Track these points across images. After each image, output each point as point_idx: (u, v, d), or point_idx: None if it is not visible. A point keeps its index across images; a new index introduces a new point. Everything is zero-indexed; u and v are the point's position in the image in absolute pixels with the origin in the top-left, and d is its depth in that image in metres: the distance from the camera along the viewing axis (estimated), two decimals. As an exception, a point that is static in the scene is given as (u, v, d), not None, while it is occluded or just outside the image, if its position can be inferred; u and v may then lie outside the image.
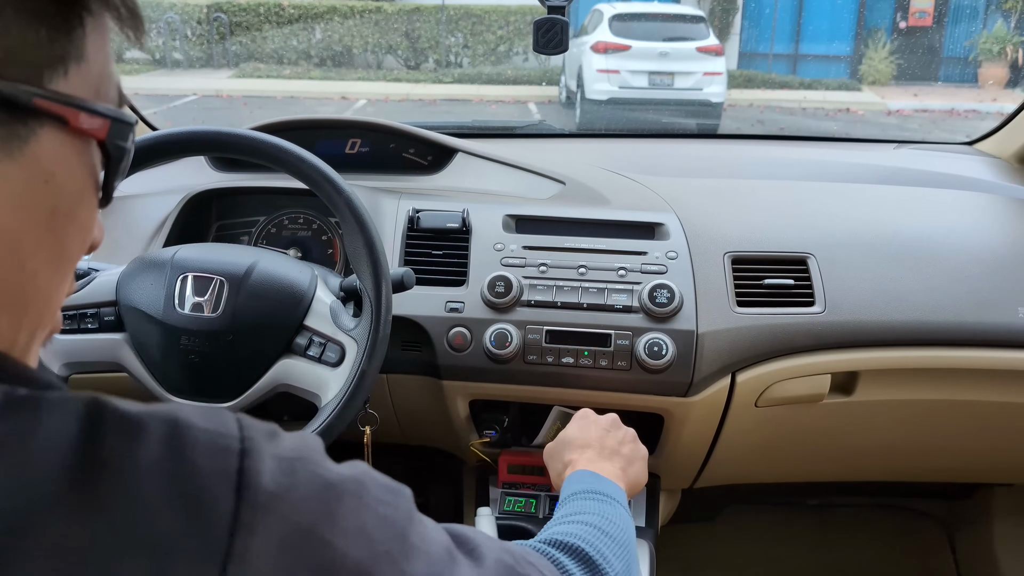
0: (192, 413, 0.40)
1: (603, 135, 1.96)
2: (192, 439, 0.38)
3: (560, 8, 1.28)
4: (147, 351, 1.02)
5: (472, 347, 1.21)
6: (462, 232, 1.30)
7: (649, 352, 1.16)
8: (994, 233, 1.37)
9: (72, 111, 0.42)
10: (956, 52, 11.73)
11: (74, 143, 0.44)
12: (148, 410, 0.39)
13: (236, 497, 0.38)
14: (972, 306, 1.24)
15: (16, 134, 0.40)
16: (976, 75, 11.23)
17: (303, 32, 11.30)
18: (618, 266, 1.24)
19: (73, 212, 0.45)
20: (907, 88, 11.13)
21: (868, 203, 1.42)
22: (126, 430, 0.37)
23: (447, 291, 1.25)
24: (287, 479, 0.40)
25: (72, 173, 0.44)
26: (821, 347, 1.22)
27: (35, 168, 0.42)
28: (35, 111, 0.41)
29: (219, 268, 1.04)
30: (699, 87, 8.73)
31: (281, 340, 1.03)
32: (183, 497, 0.37)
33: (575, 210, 1.35)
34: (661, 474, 1.36)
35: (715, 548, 1.88)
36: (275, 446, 0.41)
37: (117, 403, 0.39)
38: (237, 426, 0.41)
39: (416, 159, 1.53)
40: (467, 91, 10.35)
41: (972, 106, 9.71)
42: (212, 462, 0.38)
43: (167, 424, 0.38)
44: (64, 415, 0.37)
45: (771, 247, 1.29)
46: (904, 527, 1.91)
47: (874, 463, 1.46)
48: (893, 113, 9.89)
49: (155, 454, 0.37)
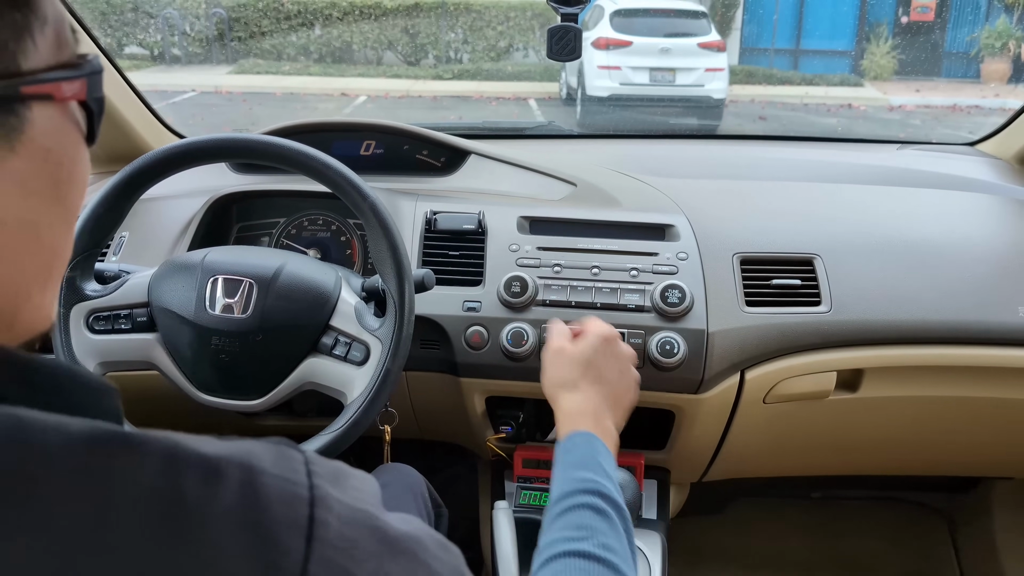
0: (264, 457, 0.41)
1: (612, 136, 1.99)
2: (266, 486, 0.39)
3: (573, 16, 1.31)
4: (179, 350, 1.06)
5: (489, 345, 1.24)
6: (478, 233, 1.34)
7: (661, 351, 1.20)
8: (995, 234, 1.40)
9: (55, 85, 0.44)
10: (958, 47, 11.64)
11: (60, 111, 0.45)
12: (224, 453, 0.40)
13: (307, 547, 0.39)
14: (974, 305, 1.27)
15: (12, 127, 0.42)
16: (979, 71, 11.14)
17: (302, 28, 11.25)
18: (630, 267, 1.28)
19: (72, 174, 0.47)
20: (909, 84, 11.06)
21: (873, 204, 1.46)
22: (205, 474, 0.38)
23: (464, 291, 1.28)
24: (352, 531, 0.41)
25: (64, 140, 0.46)
26: (827, 345, 1.26)
27: (34, 150, 0.43)
28: (24, 98, 0.42)
29: (248, 271, 1.07)
30: (701, 83, 8.68)
31: (308, 340, 1.06)
32: (257, 545, 0.38)
33: (587, 211, 1.39)
34: (671, 468, 1.40)
35: (723, 539, 1.92)
36: (341, 491, 0.42)
37: (194, 444, 0.40)
38: (306, 472, 0.42)
39: (430, 160, 1.56)
40: (467, 88, 10.32)
41: (975, 102, 9.65)
42: (285, 511, 0.39)
43: (242, 470, 0.39)
44: (146, 454, 0.38)
45: (778, 248, 1.32)
46: (907, 519, 1.95)
47: (878, 457, 1.50)
48: (895, 109, 9.85)
49: (232, 500, 0.38)
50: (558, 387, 0.96)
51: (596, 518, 0.76)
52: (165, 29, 10.91)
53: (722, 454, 1.37)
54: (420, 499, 1.19)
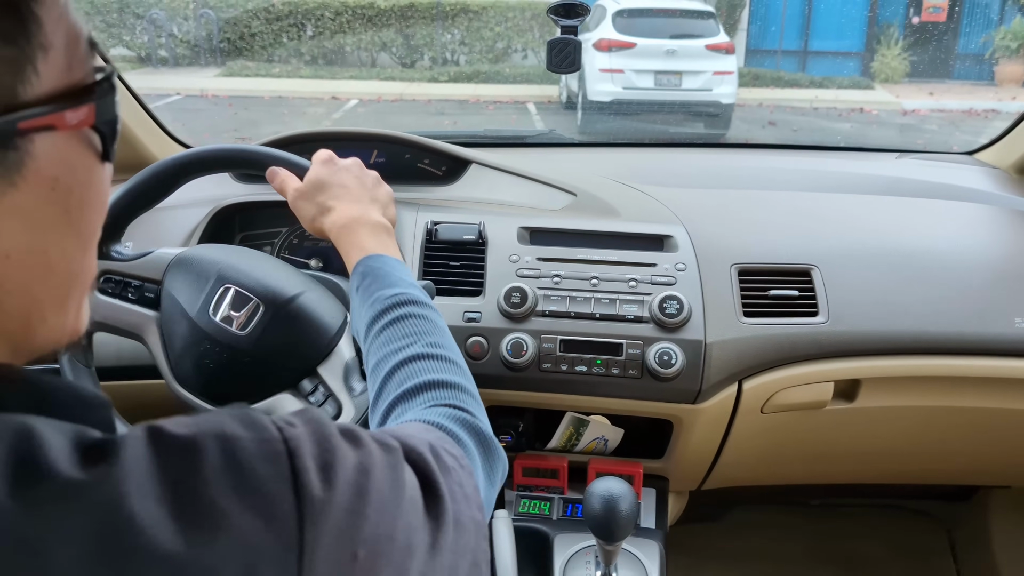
0: (234, 424, 0.43)
1: (612, 144, 2.00)
2: (243, 449, 0.42)
3: (573, 28, 1.33)
4: (171, 339, 1.05)
5: (489, 355, 1.26)
6: (478, 244, 1.35)
7: (659, 361, 1.21)
8: (992, 245, 1.41)
9: (57, 116, 0.42)
10: (971, 49, 11.32)
11: (67, 138, 0.44)
12: (196, 429, 0.42)
13: (295, 495, 0.42)
14: (970, 316, 1.29)
15: (12, 162, 0.40)
16: (992, 73, 10.81)
17: (293, 29, 10.86)
18: (629, 277, 1.29)
19: (85, 198, 0.46)
20: (921, 86, 10.76)
21: (871, 214, 1.47)
22: (185, 451, 0.41)
23: (465, 301, 1.29)
24: (328, 472, 0.44)
25: (73, 167, 0.45)
26: (824, 356, 1.27)
27: (39, 181, 0.42)
28: (22, 133, 0.41)
29: (262, 291, 1.05)
30: (708, 87, 8.20)
31: (291, 378, 1.05)
32: (253, 501, 0.41)
33: (587, 222, 1.40)
34: (670, 476, 1.41)
35: (722, 546, 1.93)
36: (306, 439, 0.45)
37: (170, 427, 0.42)
38: (274, 426, 0.44)
39: (431, 169, 1.57)
40: (463, 91, 9.98)
41: (991, 105, 9.29)
42: (268, 467, 0.42)
43: (218, 439, 0.42)
44: (133, 445, 0.40)
45: (776, 259, 1.33)
46: (905, 526, 1.96)
47: (876, 466, 1.51)
48: (909, 113, 9.50)
49: (217, 466, 0.41)
50: (317, 218, 0.94)
51: (416, 323, 0.78)
52: (152, 30, 10.59)
53: (720, 463, 1.38)
54: None
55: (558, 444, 1.34)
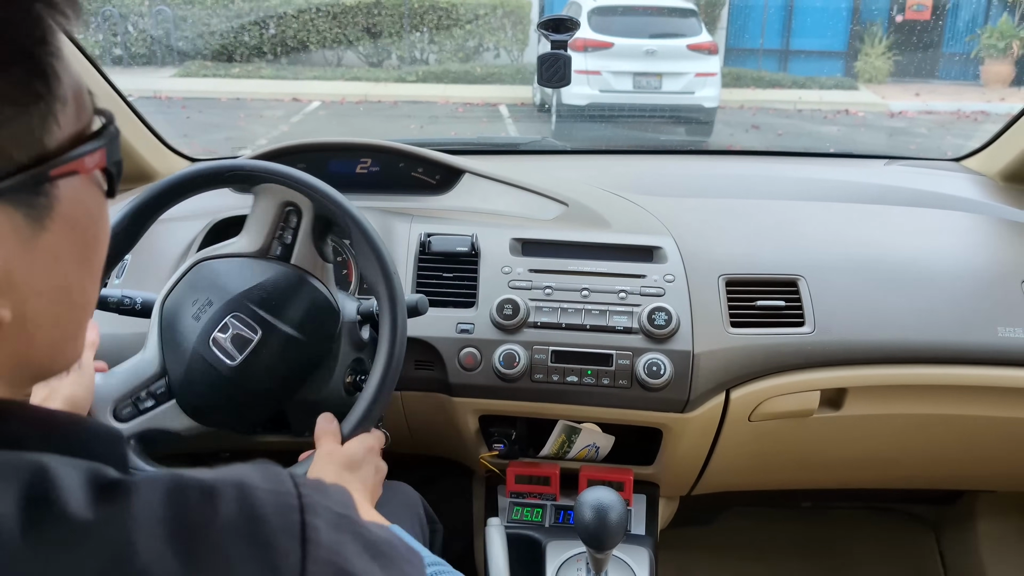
0: (253, 475, 0.45)
1: (603, 152, 2.02)
2: (259, 499, 0.43)
3: (563, 43, 1.35)
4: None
5: (482, 366, 1.28)
6: (471, 256, 1.37)
7: (648, 371, 1.24)
8: (976, 254, 1.44)
9: (79, 161, 0.46)
10: (957, 48, 11.13)
11: (84, 180, 0.47)
12: (217, 477, 0.44)
13: (302, 550, 0.43)
14: (954, 326, 1.31)
15: (42, 207, 0.44)
16: (978, 73, 10.59)
17: (254, 27, 10.20)
18: (619, 289, 1.31)
19: (97, 235, 0.50)
20: (907, 87, 10.55)
21: (857, 224, 1.49)
22: (203, 496, 0.42)
23: (458, 312, 1.32)
24: (339, 534, 0.45)
25: (89, 204, 0.48)
26: (811, 365, 1.29)
27: (63, 222, 0.46)
28: (52, 179, 0.44)
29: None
30: (690, 90, 7.70)
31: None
32: (259, 552, 0.42)
33: (578, 233, 1.42)
34: (660, 483, 1.44)
35: (713, 550, 1.95)
36: (326, 499, 0.47)
37: (190, 475, 0.44)
38: (292, 483, 0.46)
39: (425, 178, 1.59)
40: (432, 92, 9.49)
41: (980, 107, 9.14)
42: (279, 519, 0.43)
43: (236, 488, 0.43)
44: (149, 490, 0.42)
45: (763, 269, 1.36)
46: (894, 529, 1.98)
47: (863, 472, 1.53)
48: (896, 115, 9.29)
49: (231, 515, 0.42)
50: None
51: None
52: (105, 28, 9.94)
53: (709, 469, 1.41)
54: (416, 517, 1.23)
55: (550, 452, 1.36)
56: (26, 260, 0.44)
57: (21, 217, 0.43)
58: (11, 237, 0.43)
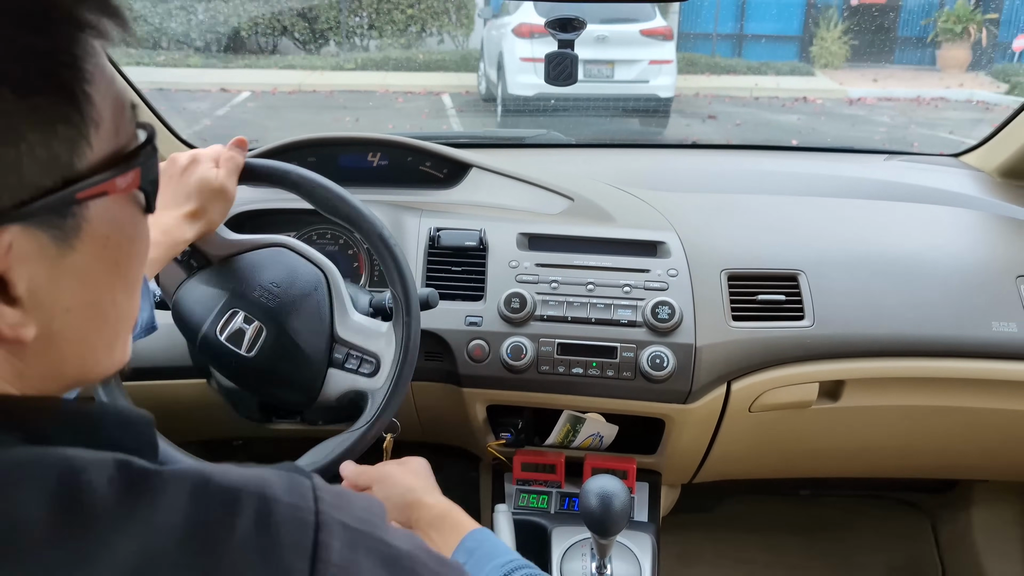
0: (277, 485, 0.45)
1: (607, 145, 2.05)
2: (277, 514, 0.44)
3: (570, 42, 1.38)
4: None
5: (490, 358, 1.32)
6: (479, 250, 1.40)
7: (651, 364, 1.28)
8: (973, 249, 1.47)
9: (109, 183, 0.45)
10: (913, 32, 10.74)
11: (116, 199, 0.47)
12: (242, 483, 0.44)
13: (311, 568, 0.43)
14: (950, 320, 1.35)
15: (70, 228, 0.44)
16: (935, 57, 10.31)
17: (181, 11, 9.58)
18: (623, 283, 1.35)
19: (132, 250, 0.49)
20: (864, 72, 10.18)
21: (857, 219, 1.52)
22: (225, 504, 0.43)
23: (466, 305, 1.35)
24: (352, 554, 0.45)
25: (122, 224, 0.48)
26: (810, 358, 1.33)
27: (93, 241, 0.45)
28: (79, 201, 0.44)
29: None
30: (644, 79, 7.13)
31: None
32: (267, 567, 0.42)
33: (583, 228, 1.46)
34: (663, 471, 1.47)
35: (713, 536, 2.00)
36: (344, 515, 0.46)
37: (217, 476, 0.44)
38: (313, 498, 0.46)
39: (433, 172, 1.62)
40: (371, 80, 8.95)
41: (940, 93, 8.94)
42: (293, 535, 0.44)
43: (258, 499, 0.44)
44: (176, 489, 0.42)
45: (764, 264, 1.39)
46: (891, 516, 2.03)
47: (860, 462, 1.57)
48: (855, 102, 8.91)
49: (248, 527, 0.43)
50: (415, 491, 0.99)
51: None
52: None
53: (711, 459, 1.45)
54: None
55: (556, 440, 1.40)
56: (52, 279, 0.44)
57: (47, 238, 0.43)
58: (36, 258, 0.43)
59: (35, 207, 0.41)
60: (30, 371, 0.46)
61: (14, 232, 0.41)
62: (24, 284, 0.42)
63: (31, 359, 0.46)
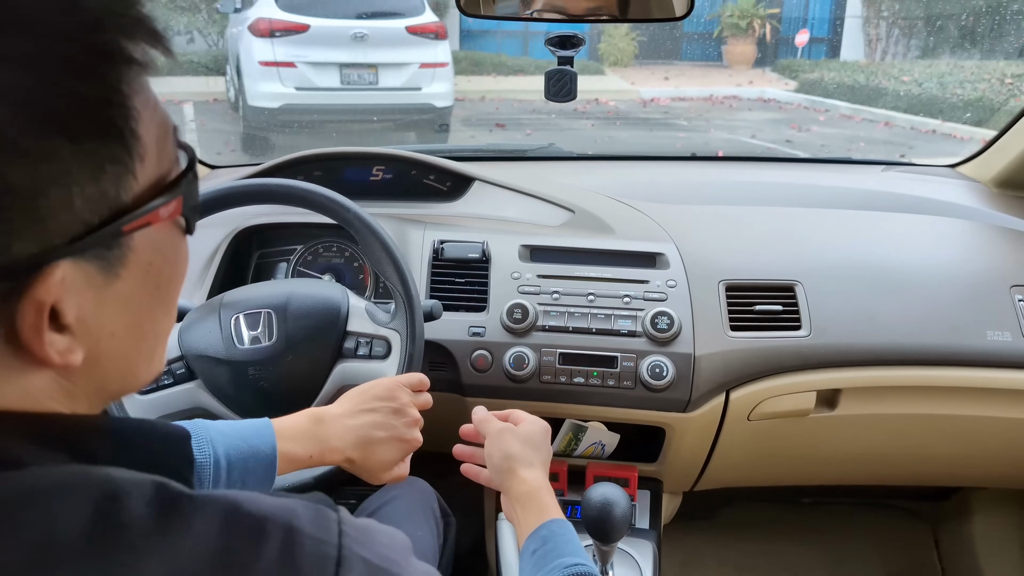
0: (304, 517, 0.47)
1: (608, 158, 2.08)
2: (301, 546, 0.45)
3: (569, 59, 1.41)
4: (221, 389, 1.15)
5: (493, 368, 1.34)
6: (482, 262, 1.43)
7: (651, 373, 1.30)
8: (968, 260, 1.49)
9: (153, 214, 0.46)
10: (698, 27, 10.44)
11: (159, 228, 0.48)
12: (270, 512, 0.46)
13: None
14: (945, 330, 1.37)
15: (115, 257, 0.45)
16: (721, 53, 10.10)
17: None
18: (623, 294, 1.38)
19: (172, 273, 0.51)
20: (653, 69, 9.85)
21: (853, 230, 1.55)
22: (252, 534, 0.44)
23: (470, 316, 1.38)
24: None
25: (164, 249, 0.49)
26: (807, 367, 1.35)
27: (136, 269, 0.47)
28: (125, 234, 0.45)
29: (263, 303, 1.17)
30: (416, 85, 6.08)
31: (332, 349, 1.18)
32: None
33: (584, 239, 1.48)
34: (664, 479, 1.50)
35: (715, 544, 2.02)
36: (367, 550, 0.48)
37: (247, 504, 0.45)
38: (337, 531, 0.47)
39: (436, 185, 1.66)
40: None
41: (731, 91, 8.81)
42: (313, 570, 0.45)
43: (284, 530, 0.45)
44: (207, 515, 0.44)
45: (762, 275, 1.42)
46: (891, 523, 2.04)
47: (858, 469, 1.59)
48: (648, 103, 8.51)
49: (271, 558, 0.44)
50: (514, 461, 1.00)
51: None
52: None
53: (711, 466, 1.47)
54: (430, 510, 1.29)
55: (558, 449, 1.42)
56: (99, 306, 0.46)
57: (95, 269, 0.45)
58: (85, 288, 0.44)
59: (85, 242, 0.43)
60: (77, 390, 0.48)
61: (65, 266, 0.43)
62: (73, 313, 0.44)
63: (78, 379, 0.47)
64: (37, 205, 0.41)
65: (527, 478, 0.98)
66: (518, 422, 1.07)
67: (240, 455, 0.87)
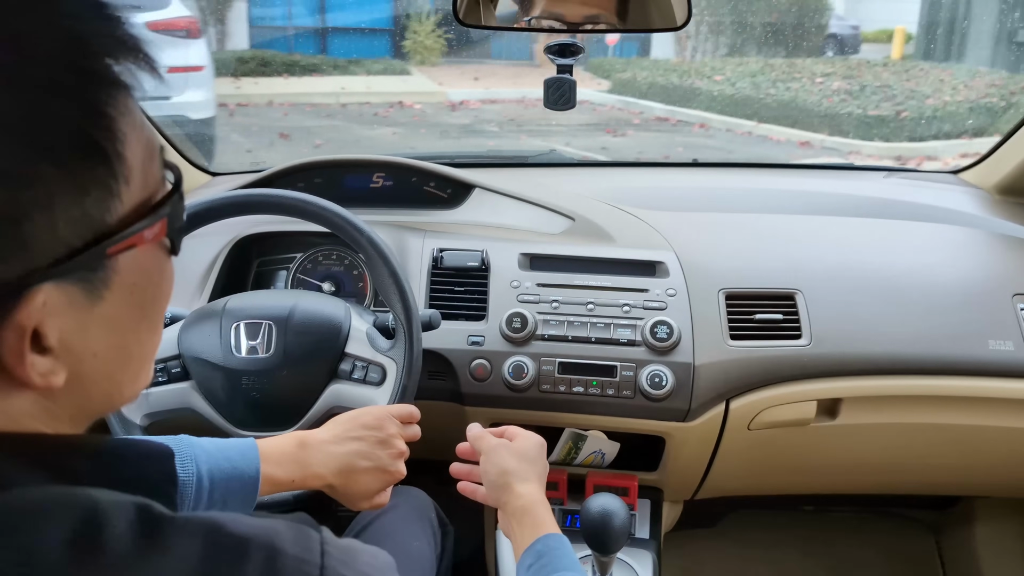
0: (286, 537, 0.47)
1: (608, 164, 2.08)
2: (283, 567, 0.45)
3: (568, 67, 1.41)
4: (213, 393, 1.15)
5: (492, 377, 1.34)
6: (482, 270, 1.43)
7: (651, 383, 1.30)
8: (970, 268, 1.49)
9: (138, 236, 0.46)
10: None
11: (144, 249, 0.48)
12: (252, 534, 0.46)
13: None
14: (946, 339, 1.36)
15: (99, 280, 0.45)
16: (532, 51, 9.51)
17: None
18: (623, 303, 1.37)
19: (157, 293, 0.51)
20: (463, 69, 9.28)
21: (854, 238, 1.54)
22: (234, 556, 0.44)
23: (469, 325, 1.38)
24: None
25: (148, 271, 0.49)
26: (807, 376, 1.35)
27: (120, 291, 0.47)
28: (109, 256, 0.45)
29: (266, 313, 1.18)
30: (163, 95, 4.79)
31: (328, 368, 1.17)
32: None
33: (584, 248, 1.48)
34: (664, 487, 1.49)
35: (716, 552, 2.01)
36: (350, 570, 0.48)
37: (229, 525, 0.45)
38: (319, 551, 0.47)
39: (436, 192, 1.65)
40: None
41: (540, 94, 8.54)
42: None
43: (266, 551, 0.45)
44: (190, 537, 0.44)
45: (762, 283, 1.41)
46: (894, 532, 2.03)
47: (859, 478, 1.58)
48: (458, 106, 8.01)
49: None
50: (510, 476, 1.00)
51: None
52: None
53: (711, 475, 1.46)
54: (428, 520, 1.29)
55: (558, 458, 1.42)
56: (82, 328, 0.46)
57: (78, 291, 0.44)
58: (67, 311, 0.44)
59: (68, 265, 0.43)
60: (60, 410, 0.48)
61: (47, 289, 0.42)
62: (55, 335, 0.44)
63: (61, 399, 0.47)
64: (20, 230, 0.41)
65: (523, 493, 0.98)
66: (513, 438, 1.07)
67: (223, 475, 0.87)
